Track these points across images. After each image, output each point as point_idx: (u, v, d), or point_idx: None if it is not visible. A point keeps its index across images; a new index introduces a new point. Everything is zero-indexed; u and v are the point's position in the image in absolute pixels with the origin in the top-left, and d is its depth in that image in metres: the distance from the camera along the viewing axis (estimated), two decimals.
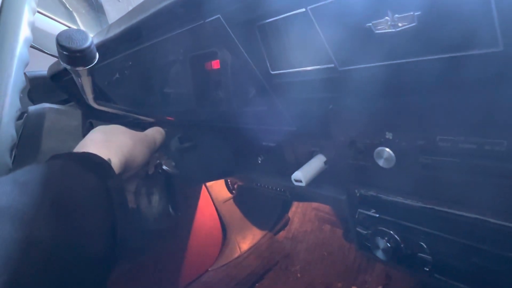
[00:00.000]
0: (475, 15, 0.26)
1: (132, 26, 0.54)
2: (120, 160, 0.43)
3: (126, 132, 0.49)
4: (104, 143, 0.44)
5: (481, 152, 0.35)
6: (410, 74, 0.34)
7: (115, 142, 0.45)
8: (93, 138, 0.45)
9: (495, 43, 0.26)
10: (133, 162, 0.46)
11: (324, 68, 0.41)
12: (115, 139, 0.46)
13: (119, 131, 0.48)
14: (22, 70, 0.46)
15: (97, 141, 0.44)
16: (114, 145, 0.44)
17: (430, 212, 0.43)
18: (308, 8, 0.35)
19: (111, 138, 0.46)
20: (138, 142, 0.48)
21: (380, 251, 0.47)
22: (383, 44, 0.33)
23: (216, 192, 1.39)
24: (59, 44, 0.43)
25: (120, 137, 0.46)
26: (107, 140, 0.45)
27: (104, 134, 0.46)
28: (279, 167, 0.69)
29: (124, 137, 0.47)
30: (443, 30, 0.28)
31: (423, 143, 0.39)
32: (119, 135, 0.47)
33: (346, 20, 0.34)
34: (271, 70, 0.47)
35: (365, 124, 0.44)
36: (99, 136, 0.46)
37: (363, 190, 0.49)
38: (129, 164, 0.45)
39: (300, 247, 1.43)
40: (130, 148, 0.46)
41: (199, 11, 0.44)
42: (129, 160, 0.45)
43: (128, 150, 0.45)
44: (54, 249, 0.30)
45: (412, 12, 0.28)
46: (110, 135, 0.46)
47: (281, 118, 0.53)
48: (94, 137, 0.46)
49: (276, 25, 0.43)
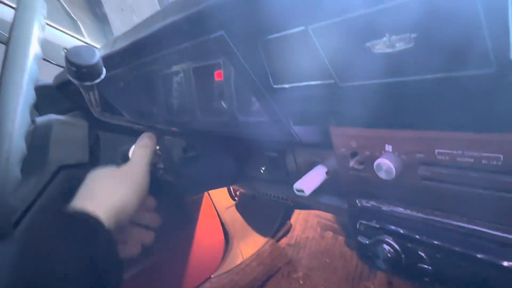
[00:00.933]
0: (469, 38, 0.27)
1: (138, 40, 0.55)
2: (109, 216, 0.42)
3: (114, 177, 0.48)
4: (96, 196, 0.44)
5: (479, 166, 0.36)
6: (408, 92, 0.35)
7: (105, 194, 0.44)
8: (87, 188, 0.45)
9: (488, 65, 0.27)
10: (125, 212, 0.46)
11: (325, 83, 0.42)
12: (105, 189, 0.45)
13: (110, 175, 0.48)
14: (32, 85, 0.47)
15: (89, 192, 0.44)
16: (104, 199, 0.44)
17: (429, 223, 0.44)
18: (308, 27, 0.37)
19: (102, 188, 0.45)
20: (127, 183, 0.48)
21: (381, 261, 0.48)
22: (381, 62, 0.34)
23: (219, 199, 1.40)
24: (68, 60, 0.44)
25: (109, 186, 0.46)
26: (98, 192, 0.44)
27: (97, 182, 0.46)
28: (281, 176, 0.70)
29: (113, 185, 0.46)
30: (438, 51, 0.29)
31: (422, 156, 0.40)
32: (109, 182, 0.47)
33: (345, 40, 0.35)
34: (273, 84, 0.49)
35: (366, 137, 0.46)
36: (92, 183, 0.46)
37: (364, 201, 0.50)
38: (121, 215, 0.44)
39: (302, 254, 1.43)
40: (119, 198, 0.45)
41: (204, 28, 0.46)
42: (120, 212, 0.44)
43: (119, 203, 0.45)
44: None
45: (408, 34, 0.30)
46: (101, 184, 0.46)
47: (283, 129, 0.54)
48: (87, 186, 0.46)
49: (278, 41, 0.44)
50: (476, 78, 0.29)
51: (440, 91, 0.32)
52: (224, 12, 0.40)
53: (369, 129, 0.44)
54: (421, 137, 0.39)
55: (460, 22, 0.26)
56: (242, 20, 0.42)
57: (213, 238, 1.38)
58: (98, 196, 0.44)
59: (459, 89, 0.30)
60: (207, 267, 1.36)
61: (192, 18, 0.43)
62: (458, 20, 0.26)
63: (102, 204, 0.42)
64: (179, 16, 0.44)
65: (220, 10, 0.40)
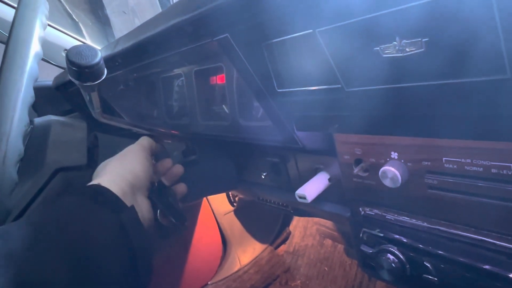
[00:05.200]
0: (483, 43, 0.26)
1: (140, 41, 0.54)
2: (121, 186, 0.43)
3: (117, 155, 0.50)
4: (102, 174, 0.45)
5: (488, 175, 0.35)
6: (416, 98, 0.34)
7: (112, 170, 0.45)
8: (100, 172, 0.46)
9: (503, 71, 0.26)
10: (138, 177, 0.47)
11: (330, 88, 0.41)
12: (111, 167, 0.46)
13: (113, 158, 0.49)
14: (31, 85, 0.46)
15: (101, 175, 0.45)
16: (110, 173, 0.44)
17: (435, 233, 0.43)
18: (316, 30, 0.36)
19: (108, 169, 0.46)
20: (130, 156, 0.49)
21: (385, 271, 0.46)
22: (390, 67, 0.33)
23: (217, 204, 1.39)
24: (69, 60, 0.43)
25: (114, 164, 0.47)
26: (107, 172, 0.45)
27: (102, 168, 0.47)
28: (283, 182, 0.69)
29: (116, 160, 0.48)
30: (451, 56, 0.29)
31: (429, 164, 0.39)
32: (111, 162, 0.48)
33: (354, 43, 0.34)
34: (277, 88, 0.48)
35: (371, 144, 0.45)
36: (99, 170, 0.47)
37: (368, 209, 0.49)
38: (135, 181, 0.45)
39: (301, 262, 1.42)
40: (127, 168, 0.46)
41: (208, 30, 0.45)
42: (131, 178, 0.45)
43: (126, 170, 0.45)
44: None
45: (420, 38, 0.29)
46: (106, 166, 0.47)
47: (286, 134, 0.53)
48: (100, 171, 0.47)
49: (284, 45, 0.44)
50: (489, 84, 0.28)
51: (450, 97, 0.31)
52: (229, 14, 0.40)
53: (375, 136, 0.43)
54: (428, 144, 0.38)
55: (475, 27, 0.26)
56: (247, 23, 0.41)
57: (210, 244, 1.36)
58: (108, 173, 0.45)
59: (470, 96, 0.30)
60: (204, 274, 1.34)
61: (197, 19, 0.43)
62: (473, 25, 0.26)
63: (114, 177, 0.43)
64: (183, 17, 0.44)
65: (226, 12, 0.39)
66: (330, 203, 0.61)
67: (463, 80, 0.29)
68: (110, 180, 0.42)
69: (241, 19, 0.40)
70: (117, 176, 0.44)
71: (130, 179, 0.44)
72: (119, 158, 0.48)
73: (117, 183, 0.42)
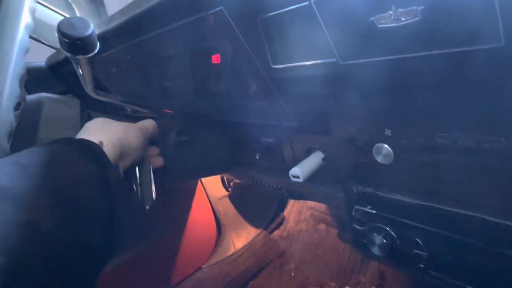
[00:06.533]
0: (478, 11, 0.26)
1: (134, 16, 0.53)
2: (114, 146, 0.43)
3: (118, 122, 0.50)
4: (99, 131, 0.45)
5: (480, 150, 0.35)
6: (411, 70, 0.34)
7: (109, 129, 0.45)
8: (90, 126, 0.46)
9: (497, 39, 0.26)
10: (129, 148, 0.47)
11: (325, 62, 0.41)
12: (108, 127, 0.46)
13: (112, 121, 0.49)
14: (22, 56, 0.45)
15: (93, 129, 0.45)
16: (109, 132, 0.45)
17: (426, 209, 0.43)
18: (312, 1, 0.36)
19: (106, 126, 0.46)
20: (131, 128, 0.49)
21: (376, 247, 0.47)
22: (385, 38, 0.33)
23: (212, 189, 1.39)
24: (61, 31, 0.42)
25: (114, 125, 0.47)
26: (102, 129, 0.45)
27: (100, 123, 0.47)
28: (277, 164, 0.69)
29: (117, 125, 0.48)
30: (446, 25, 0.28)
31: (422, 140, 0.40)
32: (113, 123, 0.48)
33: (349, 14, 0.34)
34: (273, 64, 0.47)
35: (365, 121, 0.45)
36: (95, 125, 0.47)
37: (361, 187, 0.50)
38: (125, 149, 0.45)
39: (295, 246, 1.43)
40: (123, 134, 0.46)
41: (202, 2, 0.44)
42: (124, 145, 0.45)
43: (122, 136, 0.45)
44: (54, 234, 0.30)
45: (415, 7, 0.29)
46: (104, 124, 0.47)
47: (281, 113, 0.53)
48: (90, 126, 0.47)
49: (279, 19, 0.43)
50: (484, 53, 0.28)
51: (444, 68, 0.31)
52: None
53: (369, 112, 0.43)
54: (422, 120, 0.38)
55: None
56: None
57: (205, 228, 1.37)
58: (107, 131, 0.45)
59: (465, 65, 0.30)
60: (199, 257, 1.35)
61: None
62: None
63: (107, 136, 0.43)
64: None
65: None
66: (324, 184, 0.62)
67: (459, 50, 0.29)
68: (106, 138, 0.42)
69: None
70: (115, 139, 0.44)
71: (124, 147, 0.45)
72: (121, 127, 0.47)
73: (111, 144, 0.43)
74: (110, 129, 0.46)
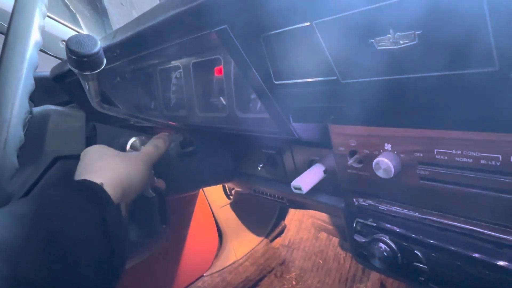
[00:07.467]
0: (473, 36, 0.27)
1: (139, 32, 0.55)
2: (115, 187, 0.42)
3: (119, 155, 0.49)
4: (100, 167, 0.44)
5: (477, 166, 0.36)
6: (409, 89, 0.35)
7: (110, 168, 0.45)
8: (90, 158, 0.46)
9: (491, 63, 0.27)
10: (131, 186, 0.46)
11: (326, 80, 0.42)
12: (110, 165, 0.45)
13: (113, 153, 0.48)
14: (31, 73, 0.47)
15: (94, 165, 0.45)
16: (110, 172, 0.44)
17: (426, 222, 0.44)
18: (313, 22, 0.37)
19: (107, 163, 0.46)
20: (132, 163, 0.48)
21: (377, 260, 0.48)
22: (384, 59, 0.34)
23: (213, 197, 1.40)
24: (69, 49, 0.44)
25: (116, 161, 0.46)
26: (103, 165, 0.45)
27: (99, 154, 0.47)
28: (278, 174, 0.70)
29: (119, 161, 0.47)
30: (442, 49, 0.30)
31: (421, 155, 0.41)
32: (114, 158, 0.47)
33: (350, 35, 0.35)
34: (275, 80, 0.48)
35: (365, 135, 0.46)
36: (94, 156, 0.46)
37: (362, 200, 0.51)
38: (127, 189, 0.45)
39: (296, 255, 1.43)
40: (125, 172, 0.45)
41: (207, 21, 0.45)
42: (126, 185, 0.45)
43: (124, 175, 0.45)
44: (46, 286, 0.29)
45: (413, 31, 0.30)
46: (105, 158, 0.46)
47: (283, 126, 0.54)
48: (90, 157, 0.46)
49: (281, 37, 0.44)
50: (479, 76, 0.29)
51: (441, 89, 0.32)
52: (228, 6, 0.40)
53: (369, 127, 0.44)
54: (420, 136, 0.39)
55: (465, 20, 0.27)
56: (246, 15, 0.42)
57: (206, 236, 1.37)
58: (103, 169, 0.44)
59: (461, 88, 0.31)
60: (200, 265, 1.35)
61: (196, 11, 0.43)
62: (463, 18, 0.27)
63: (108, 176, 0.42)
64: (182, 8, 0.44)
65: (224, 4, 0.40)
66: (325, 195, 0.62)
67: (454, 72, 0.30)
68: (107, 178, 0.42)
69: (239, 10, 0.41)
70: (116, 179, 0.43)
71: (125, 187, 0.44)
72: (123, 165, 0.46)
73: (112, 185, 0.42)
74: (112, 168, 0.45)
